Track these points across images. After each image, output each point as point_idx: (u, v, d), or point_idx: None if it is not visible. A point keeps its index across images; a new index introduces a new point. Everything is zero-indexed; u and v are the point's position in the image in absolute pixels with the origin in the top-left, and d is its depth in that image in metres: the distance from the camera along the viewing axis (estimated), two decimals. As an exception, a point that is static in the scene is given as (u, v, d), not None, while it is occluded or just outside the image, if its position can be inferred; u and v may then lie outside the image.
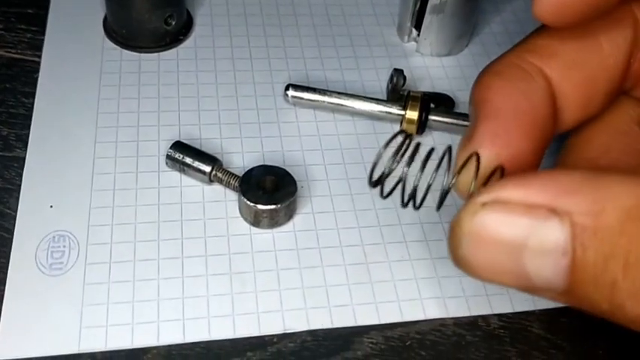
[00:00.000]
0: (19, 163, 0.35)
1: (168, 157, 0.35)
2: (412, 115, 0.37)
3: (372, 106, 0.38)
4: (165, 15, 0.40)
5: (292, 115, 0.39)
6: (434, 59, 0.43)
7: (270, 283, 0.32)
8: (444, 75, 0.42)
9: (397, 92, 0.38)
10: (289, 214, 0.34)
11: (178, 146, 0.35)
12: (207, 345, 0.30)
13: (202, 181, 0.35)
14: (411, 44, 0.44)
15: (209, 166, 0.34)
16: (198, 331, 0.30)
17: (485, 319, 0.31)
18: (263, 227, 0.33)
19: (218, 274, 0.32)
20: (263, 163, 0.36)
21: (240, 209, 0.34)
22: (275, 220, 0.33)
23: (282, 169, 0.34)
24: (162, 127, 0.37)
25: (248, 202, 0.32)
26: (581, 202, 0.18)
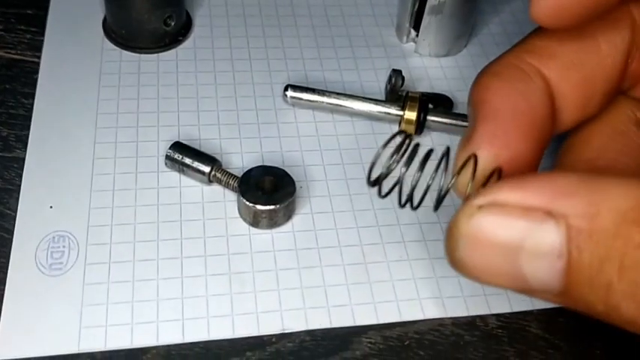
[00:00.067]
0: (19, 164, 0.35)
1: (168, 157, 0.35)
2: (411, 115, 0.37)
3: (371, 107, 0.38)
4: (165, 16, 0.41)
5: (291, 115, 0.39)
6: (432, 60, 0.43)
7: (269, 283, 0.32)
8: (442, 75, 0.42)
9: (396, 93, 0.38)
10: (288, 214, 0.34)
11: (177, 147, 0.35)
12: (207, 345, 0.30)
13: (201, 181, 0.35)
14: (409, 45, 0.44)
15: (208, 166, 0.34)
16: (197, 331, 0.30)
17: (483, 319, 0.32)
18: (262, 227, 0.33)
19: (217, 275, 0.32)
20: (262, 163, 0.36)
21: (239, 209, 0.34)
22: (274, 220, 0.33)
23: (281, 170, 0.34)
24: (161, 127, 0.37)
25: (247, 202, 0.32)
26: (576, 204, 0.18)
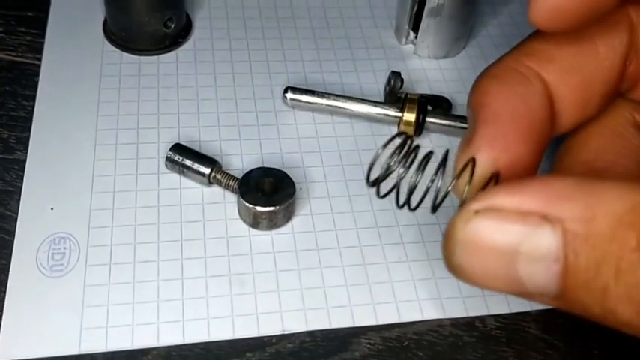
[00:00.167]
0: (20, 166, 0.35)
1: (168, 159, 0.35)
2: (409, 117, 0.37)
3: (370, 109, 0.38)
4: (165, 18, 0.41)
5: (291, 117, 0.39)
6: (431, 61, 0.43)
7: (269, 284, 0.32)
8: (441, 77, 0.42)
9: (395, 94, 0.38)
10: (288, 215, 0.34)
11: (178, 148, 0.35)
12: (207, 346, 0.30)
13: (201, 183, 0.35)
14: (408, 47, 0.44)
15: (208, 168, 0.34)
16: (197, 332, 0.30)
17: (482, 319, 0.32)
18: (262, 229, 0.34)
19: (217, 276, 0.32)
20: (262, 165, 0.36)
21: (239, 211, 0.34)
22: (274, 221, 0.33)
23: (280, 171, 0.34)
24: (161, 129, 0.38)
25: (247, 203, 0.33)
26: (572, 208, 0.18)
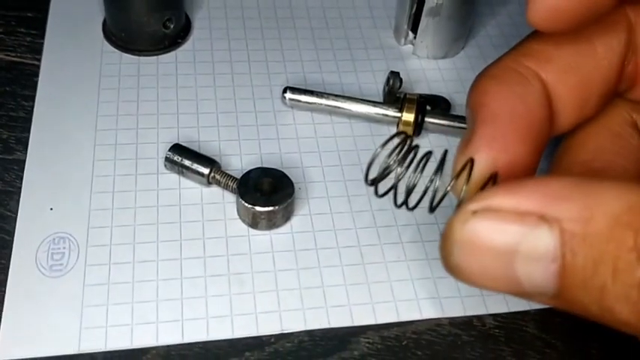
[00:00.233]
0: (20, 166, 0.35)
1: (167, 159, 0.35)
2: (408, 117, 0.37)
3: (369, 109, 0.38)
4: (164, 18, 0.41)
5: (290, 117, 0.39)
6: (430, 62, 0.43)
7: (268, 283, 0.32)
8: (440, 77, 0.43)
9: (394, 95, 0.38)
10: (287, 215, 0.34)
11: (177, 149, 0.35)
12: (206, 345, 0.30)
13: (201, 183, 0.35)
14: (407, 47, 0.44)
15: (207, 168, 0.34)
16: (196, 331, 0.30)
17: (480, 318, 0.32)
18: (261, 229, 0.34)
19: (216, 275, 0.32)
20: (261, 165, 0.36)
21: (238, 211, 0.34)
22: (273, 221, 0.33)
23: (279, 171, 0.34)
24: (161, 129, 0.38)
25: (246, 203, 0.33)
26: (570, 208, 0.18)
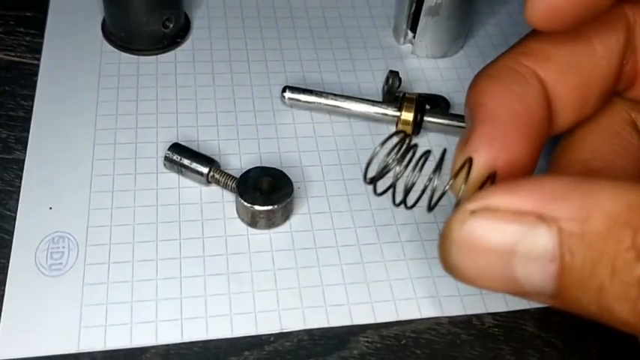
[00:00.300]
0: (19, 165, 0.35)
1: (166, 158, 0.35)
2: (407, 116, 0.37)
3: (368, 108, 0.38)
4: (163, 18, 0.41)
5: (289, 116, 0.39)
6: (429, 61, 0.43)
7: (267, 282, 0.32)
8: (439, 77, 0.43)
9: (393, 94, 0.38)
10: (286, 214, 0.34)
11: (176, 148, 0.35)
12: (205, 344, 0.30)
13: (200, 182, 0.35)
14: (406, 46, 0.44)
15: (206, 167, 0.34)
16: (196, 330, 0.30)
17: (479, 317, 0.32)
18: (260, 228, 0.34)
19: (216, 275, 0.32)
20: (260, 164, 0.36)
21: (238, 210, 0.34)
22: (272, 220, 0.33)
23: (278, 171, 0.34)
24: (160, 129, 0.38)
25: (245, 203, 0.33)
26: (568, 208, 0.18)
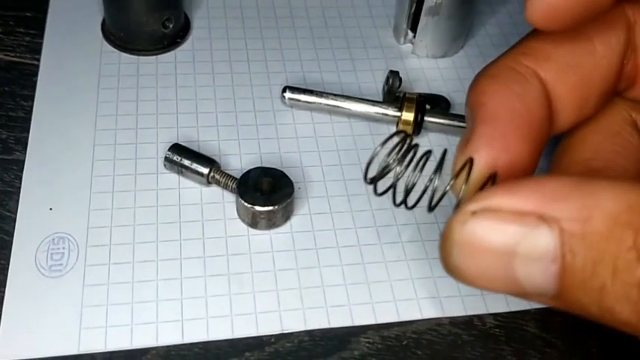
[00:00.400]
0: (19, 166, 0.35)
1: (167, 159, 0.35)
2: (408, 116, 0.37)
3: (369, 108, 0.38)
4: (163, 18, 0.41)
5: (289, 116, 0.39)
6: (429, 61, 0.43)
7: (268, 283, 0.32)
8: (439, 76, 0.43)
9: (393, 94, 0.38)
10: (286, 215, 0.34)
11: (176, 148, 0.35)
12: (206, 345, 0.30)
13: (200, 183, 0.35)
14: (406, 46, 0.44)
15: (207, 168, 0.34)
16: (196, 331, 0.30)
17: (480, 318, 0.32)
18: (260, 228, 0.34)
19: (216, 275, 0.32)
20: (260, 164, 0.36)
21: (238, 211, 0.34)
22: (272, 221, 0.33)
23: (279, 171, 0.34)
24: (160, 129, 0.38)
25: (245, 203, 0.33)
26: (569, 208, 0.18)
